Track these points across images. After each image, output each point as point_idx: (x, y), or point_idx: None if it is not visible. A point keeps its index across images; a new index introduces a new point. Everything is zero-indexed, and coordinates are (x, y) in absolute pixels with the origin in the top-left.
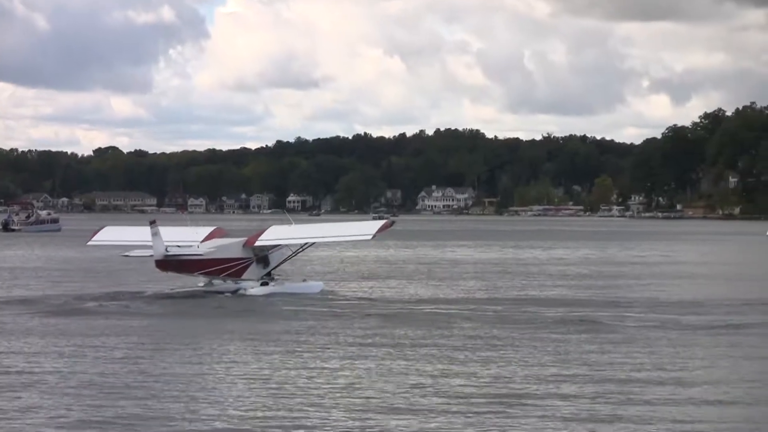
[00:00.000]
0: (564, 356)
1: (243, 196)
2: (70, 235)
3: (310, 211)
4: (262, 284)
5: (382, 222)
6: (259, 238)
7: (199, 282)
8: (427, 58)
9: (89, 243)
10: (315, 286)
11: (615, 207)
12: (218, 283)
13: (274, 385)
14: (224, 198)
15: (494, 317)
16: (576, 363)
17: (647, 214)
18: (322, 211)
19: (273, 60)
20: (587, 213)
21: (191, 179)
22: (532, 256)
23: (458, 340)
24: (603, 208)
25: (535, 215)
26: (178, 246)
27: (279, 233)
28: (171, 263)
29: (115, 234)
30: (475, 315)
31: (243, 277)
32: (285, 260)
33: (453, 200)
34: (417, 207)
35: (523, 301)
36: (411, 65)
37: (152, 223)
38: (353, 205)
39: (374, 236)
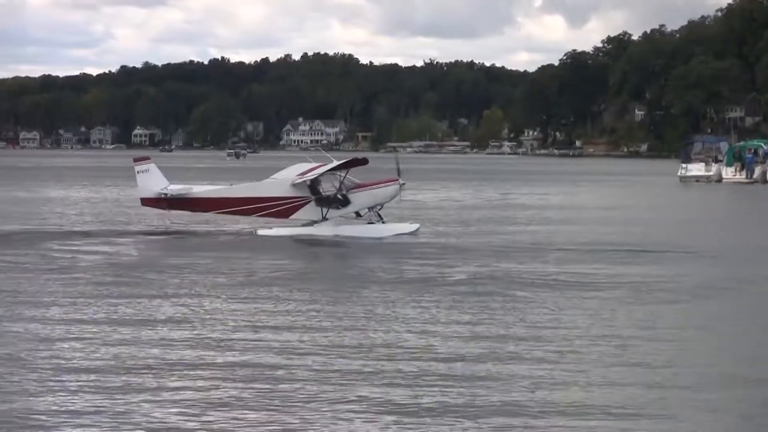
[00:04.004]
0: None
1: (83, 129)
2: None
3: (161, 146)
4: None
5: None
6: (306, 175)
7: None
8: None
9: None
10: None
11: (506, 143)
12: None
13: None
14: (61, 131)
15: None
16: None
17: (542, 151)
18: (173, 146)
19: None
20: (474, 150)
21: (23, 109)
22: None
23: None
24: (492, 144)
25: (415, 152)
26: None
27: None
28: (174, 202)
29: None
30: None
31: (292, 217)
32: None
33: (322, 134)
34: (281, 142)
35: None
36: None
37: (142, 160)
38: (208, 139)
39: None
